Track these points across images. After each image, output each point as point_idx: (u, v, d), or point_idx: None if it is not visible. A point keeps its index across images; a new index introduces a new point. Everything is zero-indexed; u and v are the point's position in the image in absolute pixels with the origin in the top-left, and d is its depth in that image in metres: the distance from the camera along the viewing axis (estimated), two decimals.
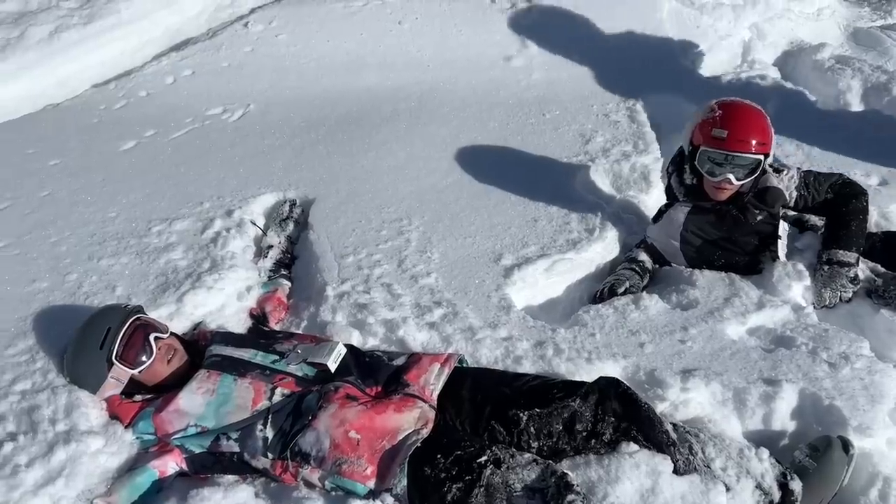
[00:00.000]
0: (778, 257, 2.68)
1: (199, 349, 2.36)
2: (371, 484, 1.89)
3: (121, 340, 2.17)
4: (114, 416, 2.21)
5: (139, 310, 2.32)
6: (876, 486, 1.98)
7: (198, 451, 2.08)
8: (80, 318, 2.31)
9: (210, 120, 3.98)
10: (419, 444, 1.92)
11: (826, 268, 2.60)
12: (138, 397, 2.24)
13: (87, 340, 2.22)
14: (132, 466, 2.08)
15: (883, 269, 2.64)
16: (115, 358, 2.16)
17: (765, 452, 2.01)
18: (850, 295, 2.59)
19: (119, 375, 2.20)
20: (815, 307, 2.61)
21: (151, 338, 2.21)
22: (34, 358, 2.40)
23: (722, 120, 2.55)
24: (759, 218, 2.66)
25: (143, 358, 2.19)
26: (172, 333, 2.36)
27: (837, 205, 2.63)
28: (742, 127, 2.55)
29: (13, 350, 2.44)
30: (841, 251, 2.59)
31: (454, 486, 1.80)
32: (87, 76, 4.60)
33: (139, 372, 2.21)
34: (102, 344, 2.17)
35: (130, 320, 2.21)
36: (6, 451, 2.05)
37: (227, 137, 3.80)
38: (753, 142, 2.53)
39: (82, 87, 4.52)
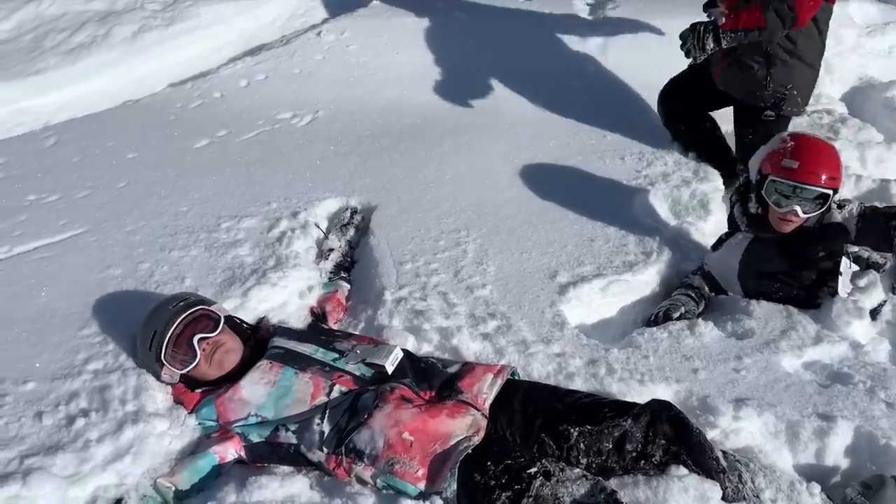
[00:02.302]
0: (837, 293, 2.65)
1: (263, 337, 2.44)
2: (422, 486, 1.94)
3: (166, 345, 2.24)
4: (178, 402, 2.32)
5: (187, 305, 2.31)
6: None
7: (257, 440, 2.16)
8: (150, 306, 2.41)
9: (280, 124, 4.12)
10: (470, 451, 1.97)
11: None
12: (199, 390, 2.33)
13: (142, 340, 2.33)
14: (194, 450, 2.17)
15: None
16: (163, 359, 2.26)
17: (816, 487, 2.00)
18: None
19: (170, 373, 2.31)
20: (891, 294, 2.58)
21: (195, 340, 2.25)
22: (106, 340, 2.52)
23: (794, 151, 2.55)
24: (822, 254, 2.64)
25: (187, 360, 2.26)
26: (229, 321, 2.39)
27: None
28: (814, 160, 2.54)
29: (87, 331, 2.58)
30: None
31: (503, 494, 1.84)
32: (165, 75, 4.80)
33: (187, 372, 2.29)
34: (150, 346, 2.28)
35: (176, 322, 2.25)
36: (78, 426, 2.17)
37: (295, 142, 3.93)
38: (824, 175, 2.52)
39: (160, 86, 4.72)
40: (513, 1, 5.24)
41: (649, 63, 4.37)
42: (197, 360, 2.26)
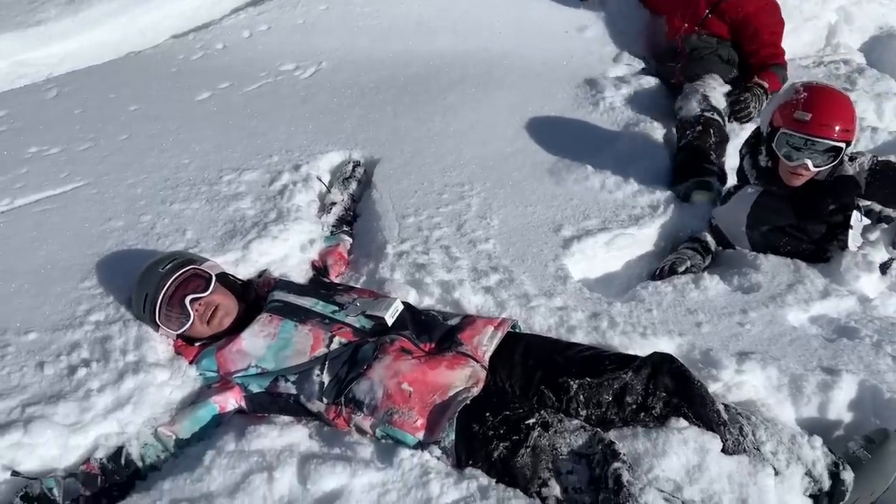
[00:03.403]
0: (847, 247, 2.60)
1: (259, 293, 2.44)
2: (420, 435, 1.95)
3: (159, 307, 2.25)
4: (178, 353, 2.33)
5: (177, 266, 2.29)
6: None
7: (257, 390, 2.16)
8: (148, 260, 2.40)
9: (283, 76, 4.05)
10: (469, 402, 1.96)
11: None
12: (198, 343, 2.34)
13: (136, 302, 2.34)
14: (195, 400, 2.18)
15: None
16: (157, 321, 2.27)
17: (818, 440, 1.98)
18: None
19: (166, 333, 2.32)
20: (892, 250, 2.50)
21: (187, 301, 2.24)
22: (107, 292, 2.53)
23: (806, 102, 2.47)
24: (832, 207, 2.58)
25: (182, 321, 2.27)
26: (221, 278, 2.38)
27: None
28: (827, 111, 2.46)
29: (89, 283, 2.58)
30: None
31: (501, 444, 1.84)
32: (166, 26, 4.73)
33: (182, 332, 2.30)
34: (144, 308, 2.29)
35: (167, 285, 2.24)
36: (80, 376, 2.18)
37: (298, 94, 3.87)
38: (837, 127, 2.44)
39: (162, 37, 4.65)
40: None
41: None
42: (191, 320, 2.26)
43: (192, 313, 2.25)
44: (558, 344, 2.23)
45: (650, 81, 3.87)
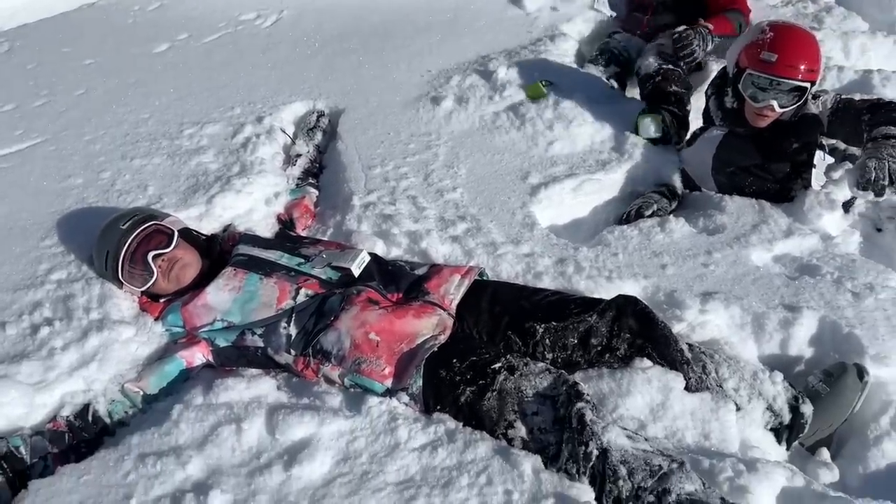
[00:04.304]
0: (810, 185, 2.62)
1: (224, 247, 2.41)
2: (388, 383, 1.95)
3: (121, 265, 2.22)
4: (144, 310, 2.30)
5: (137, 222, 2.25)
6: (888, 414, 1.98)
7: (223, 344, 2.15)
8: (111, 215, 2.36)
9: (243, 25, 3.95)
10: (436, 349, 1.97)
11: (871, 143, 2.40)
12: (162, 300, 2.31)
13: (97, 259, 2.31)
14: (161, 356, 2.17)
15: None
16: (120, 278, 2.24)
17: (778, 376, 2.03)
18: None
19: (130, 290, 2.29)
20: (857, 190, 2.36)
21: (150, 257, 2.21)
22: (69, 250, 2.49)
23: (772, 43, 2.45)
24: (796, 146, 2.59)
25: (145, 278, 2.24)
26: (184, 234, 2.34)
27: (879, 107, 2.51)
28: (793, 52, 2.45)
29: (49, 241, 2.53)
30: (886, 127, 2.40)
31: (468, 388, 1.85)
32: None
33: (146, 289, 2.27)
34: (106, 266, 2.26)
35: (128, 241, 2.21)
36: (43, 335, 2.16)
37: (259, 43, 3.78)
38: (802, 67, 2.43)
39: None
40: None
41: None
42: (154, 277, 2.23)
43: (155, 270, 2.22)
44: (525, 290, 2.24)
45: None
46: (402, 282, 2.24)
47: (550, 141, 3.02)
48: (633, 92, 3.53)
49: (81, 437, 1.98)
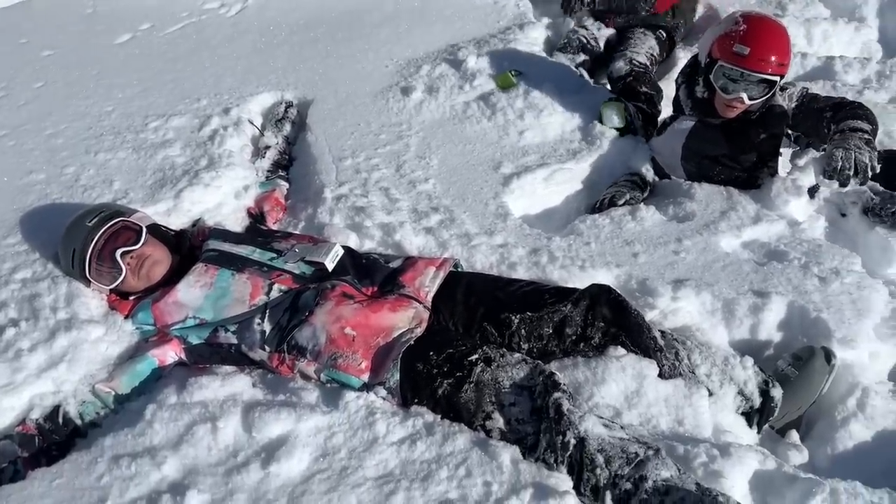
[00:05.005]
0: (777, 173, 2.67)
1: (194, 243, 2.37)
2: (365, 377, 1.95)
3: (89, 263, 2.17)
4: (113, 308, 2.26)
5: (104, 219, 2.20)
6: (854, 396, 2.03)
7: (196, 342, 2.12)
8: (77, 212, 2.30)
9: (207, 14, 3.87)
10: (412, 342, 1.97)
11: (838, 135, 2.45)
12: (132, 297, 2.27)
13: (63, 258, 2.26)
14: (132, 355, 2.13)
15: (881, 188, 2.63)
16: (88, 276, 2.20)
17: (749, 361, 2.07)
18: (866, 160, 2.32)
19: (98, 288, 2.24)
20: (822, 179, 2.40)
21: (118, 255, 2.16)
22: (33, 248, 2.43)
23: (745, 36, 2.47)
24: (763, 137, 2.62)
25: (113, 276, 2.19)
26: (152, 230, 2.30)
27: (842, 106, 2.57)
28: (765, 45, 2.46)
29: (13, 240, 2.47)
30: (852, 121, 2.46)
31: (445, 381, 1.85)
32: None
33: (115, 286, 2.22)
34: (73, 264, 2.20)
35: (95, 239, 2.16)
36: (8, 336, 2.11)
37: (224, 33, 3.71)
38: (774, 61, 2.46)
39: None
40: None
41: None
42: (123, 274, 2.18)
43: (123, 267, 2.18)
44: (499, 281, 2.25)
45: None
46: (376, 275, 2.23)
47: (521, 130, 3.02)
48: (602, 80, 3.55)
49: (52, 439, 1.94)
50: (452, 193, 2.74)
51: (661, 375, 1.98)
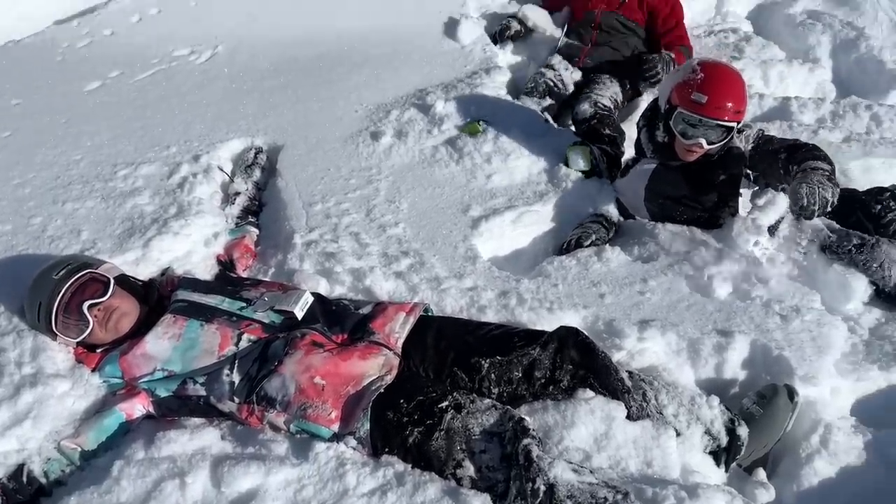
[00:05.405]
0: (738, 212, 2.74)
1: (162, 293, 2.37)
2: (335, 427, 1.94)
3: (55, 316, 2.15)
4: (80, 361, 2.24)
5: (71, 271, 2.18)
6: (817, 433, 2.08)
7: (164, 394, 2.11)
8: (44, 263, 2.29)
9: (177, 61, 3.90)
10: (383, 390, 1.97)
11: (800, 173, 2.55)
12: (99, 350, 2.25)
13: (29, 311, 2.23)
14: (99, 409, 2.11)
15: (837, 226, 2.71)
16: (55, 330, 2.18)
17: (715, 400, 2.10)
18: (829, 195, 2.43)
19: (65, 342, 2.22)
20: (793, 213, 2.57)
21: (85, 307, 2.14)
22: None
23: (703, 84, 2.55)
24: (722, 178, 2.70)
25: (81, 328, 2.17)
26: (120, 281, 2.28)
27: (797, 147, 2.66)
28: (722, 94, 2.55)
29: None
30: (812, 161, 2.56)
31: (416, 429, 1.86)
32: (49, 12, 4.48)
33: (82, 339, 2.20)
34: (39, 317, 2.18)
35: (61, 292, 2.14)
36: None
37: (194, 80, 3.73)
38: (731, 108, 2.54)
39: (44, 24, 4.40)
40: None
41: None
42: (90, 327, 2.16)
43: (91, 320, 2.16)
44: (469, 325, 2.27)
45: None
46: (346, 322, 2.24)
47: (489, 174, 3.07)
48: (568, 122, 3.63)
49: (16, 499, 1.90)
50: (422, 237, 2.77)
51: (629, 417, 2.00)
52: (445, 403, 1.90)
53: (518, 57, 4.14)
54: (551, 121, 3.50)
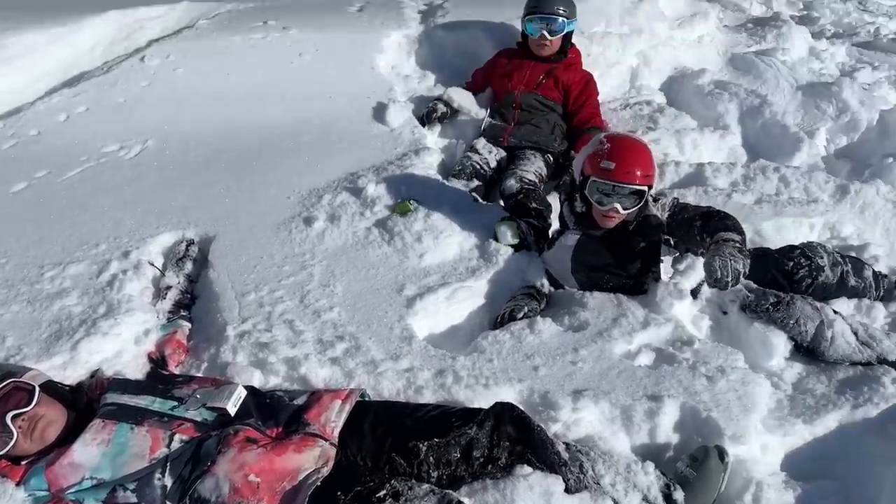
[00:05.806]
0: (660, 278, 2.85)
1: (91, 396, 2.31)
2: None
3: None
4: (3, 475, 2.15)
5: None
6: (749, 491, 2.14)
7: None
8: None
9: (106, 158, 3.89)
10: (319, 483, 1.95)
11: (713, 246, 2.68)
12: (24, 462, 2.16)
13: None
14: None
15: (755, 285, 2.85)
16: None
17: (650, 466, 2.15)
18: (740, 267, 2.57)
19: None
20: (709, 285, 2.70)
21: (9, 419, 2.08)
22: None
23: (610, 153, 2.71)
24: (642, 244, 2.83)
25: (4, 441, 2.09)
26: (46, 388, 2.21)
27: (710, 216, 2.81)
28: (628, 160, 2.71)
29: None
30: (724, 232, 2.70)
31: None
32: None
33: (5, 452, 2.12)
34: None
35: None
36: None
37: (123, 175, 3.73)
38: (638, 173, 2.69)
39: None
40: (344, 12, 5.23)
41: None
42: (14, 438, 2.09)
43: (15, 431, 2.09)
44: (406, 407, 2.27)
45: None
46: (281, 414, 2.22)
47: (421, 252, 3.13)
48: (496, 198, 3.74)
49: None
50: (357, 320, 2.78)
51: (567, 490, 2.03)
52: (383, 492, 1.89)
53: (446, 139, 4.28)
54: (480, 200, 3.60)
